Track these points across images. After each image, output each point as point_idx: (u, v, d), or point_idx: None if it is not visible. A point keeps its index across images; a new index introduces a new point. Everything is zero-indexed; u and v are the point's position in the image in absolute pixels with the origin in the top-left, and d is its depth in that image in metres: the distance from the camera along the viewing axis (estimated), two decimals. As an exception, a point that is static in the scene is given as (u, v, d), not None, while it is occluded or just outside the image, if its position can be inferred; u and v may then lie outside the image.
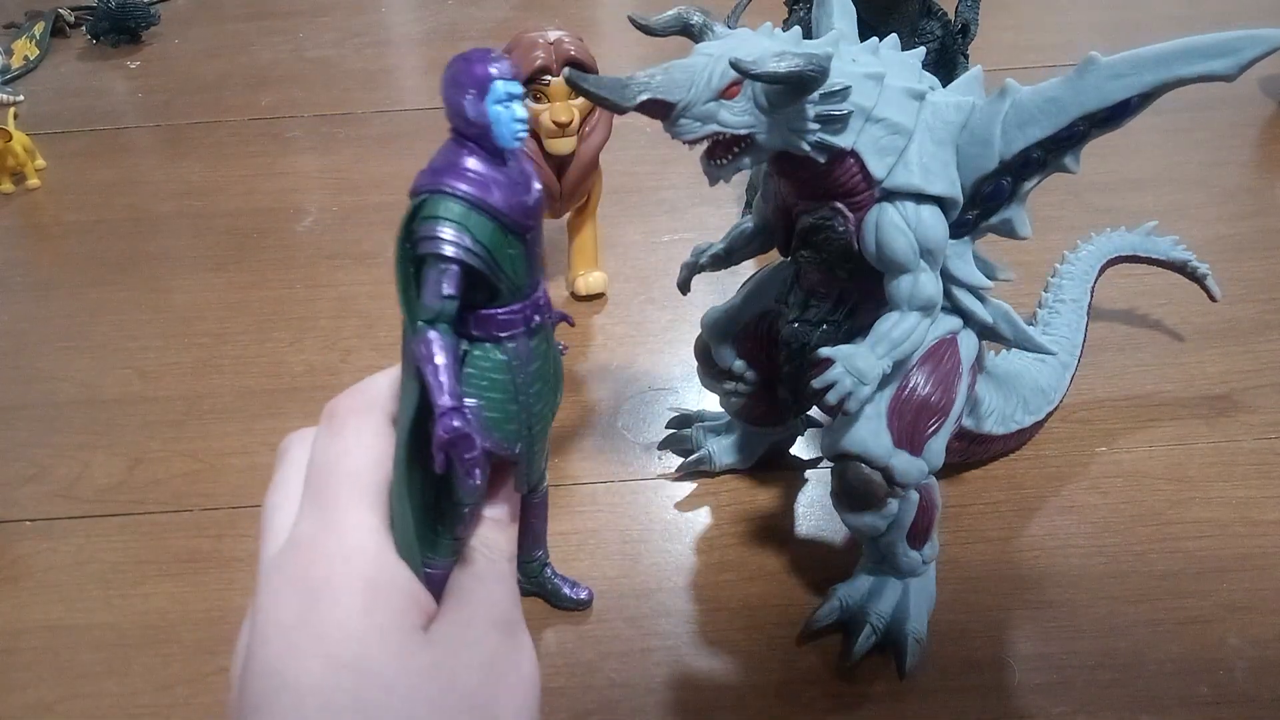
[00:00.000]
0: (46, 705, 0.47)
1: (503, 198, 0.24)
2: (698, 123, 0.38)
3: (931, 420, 0.44)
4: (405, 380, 0.26)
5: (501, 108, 0.24)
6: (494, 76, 0.24)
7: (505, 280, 0.26)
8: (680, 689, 0.47)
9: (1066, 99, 0.40)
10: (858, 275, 0.44)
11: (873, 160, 0.40)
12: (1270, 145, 0.86)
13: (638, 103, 0.37)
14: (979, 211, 0.43)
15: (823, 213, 0.43)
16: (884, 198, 0.41)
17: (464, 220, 0.24)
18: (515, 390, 0.28)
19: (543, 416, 0.30)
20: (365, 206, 0.84)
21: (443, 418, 0.24)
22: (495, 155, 0.24)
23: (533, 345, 0.28)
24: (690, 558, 0.53)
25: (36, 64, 1.15)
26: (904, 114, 0.40)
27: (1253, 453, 0.57)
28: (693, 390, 0.63)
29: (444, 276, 0.24)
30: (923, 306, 0.42)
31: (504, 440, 0.28)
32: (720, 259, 0.51)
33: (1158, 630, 0.48)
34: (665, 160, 0.88)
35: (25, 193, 0.90)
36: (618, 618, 0.49)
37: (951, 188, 0.41)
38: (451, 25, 1.22)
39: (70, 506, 0.57)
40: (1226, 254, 0.72)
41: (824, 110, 0.39)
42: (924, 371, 0.44)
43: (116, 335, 0.71)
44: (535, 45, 0.61)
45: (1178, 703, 0.45)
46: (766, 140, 0.39)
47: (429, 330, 0.24)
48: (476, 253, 0.24)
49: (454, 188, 0.24)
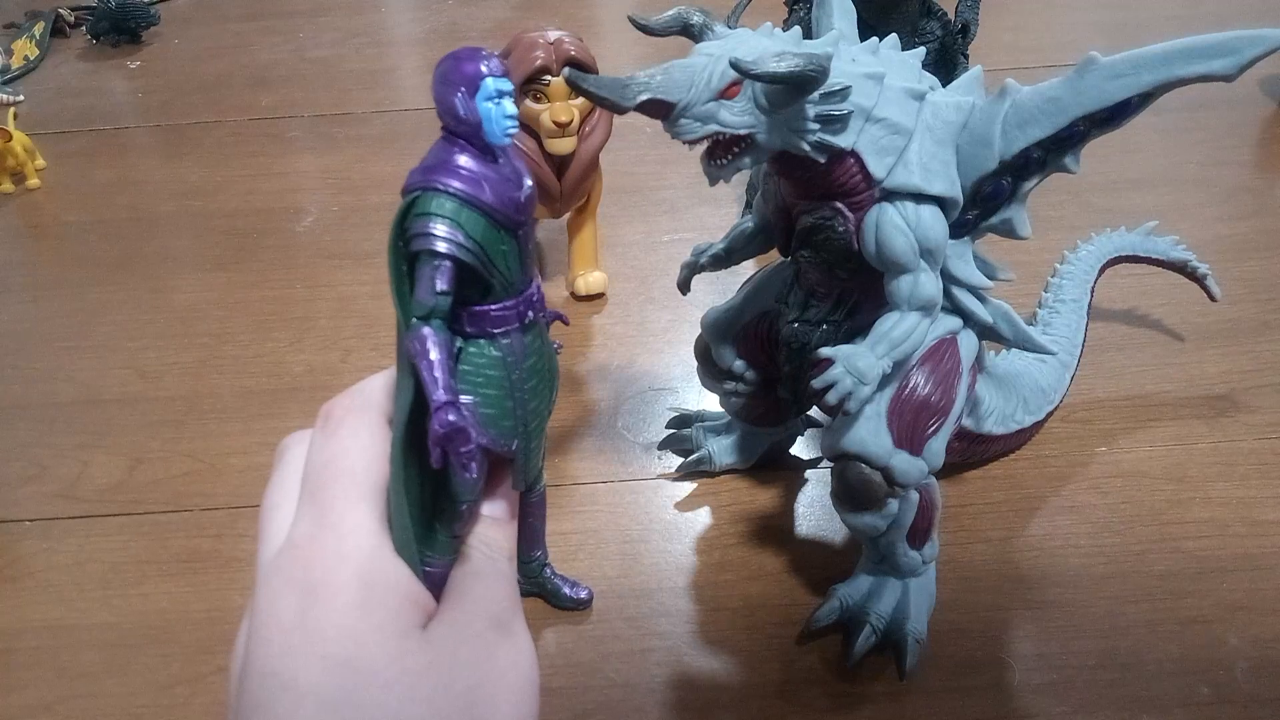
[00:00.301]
0: (46, 705, 0.47)
1: (494, 194, 0.24)
2: (698, 123, 0.38)
3: (932, 420, 0.44)
4: (400, 378, 0.26)
5: (492, 104, 0.24)
6: (484, 74, 0.24)
7: (498, 276, 0.26)
8: (680, 689, 0.47)
9: (1067, 99, 0.40)
10: (858, 275, 0.44)
11: (873, 160, 0.40)
12: (1270, 145, 0.86)
13: (638, 103, 0.37)
14: (979, 211, 0.43)
15: (823, 213, 0.43)
16: (884, 198, 0.41)
17: (456, 216, 0.24)
18: (511, 387, 0.28)
19: (538, 413, 0.30)
20: (365, 206, 0.84)
21: (438, 412, 0.24)
22: (486, 152, 0.25)
23: (527, 341, 0.28)
24: (690, 558, 0.53)
25: (36, 64, 1.15)
26: (904, 114, 0.40)
27: (1253, 453, 0.57)
28: (693, 390, 0.63)
29: (437, 272, 0.24)
30: (923, 306, 0.42)
31: (500, 436, 0.28)
32: (720, 259, 0.51)
33: (1158, 630, 0.48)
34: (665, 160, 0.88)
35: (25, 193, 0.90)
36: (618, 618, 0.49)
37: (951, 188, 0.41)
38: (451, 25, 1.22)
39: (70, 506, 0.57)
40: (1226, 254, 0.72)
41: (824, 110, 0.38)
42: (924, 371, 0.44)
43: (116, 335, 0.71)
44: (535, 45, 0.61)
45: (1178, 703, 0.45)
46: (766, 140, 0.39)
47: (423, 326, 0.24)
48: (469, 248, 0.24)
49: (446, 184, 0.24)
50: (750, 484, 0.57)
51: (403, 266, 0.24)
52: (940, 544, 0.48)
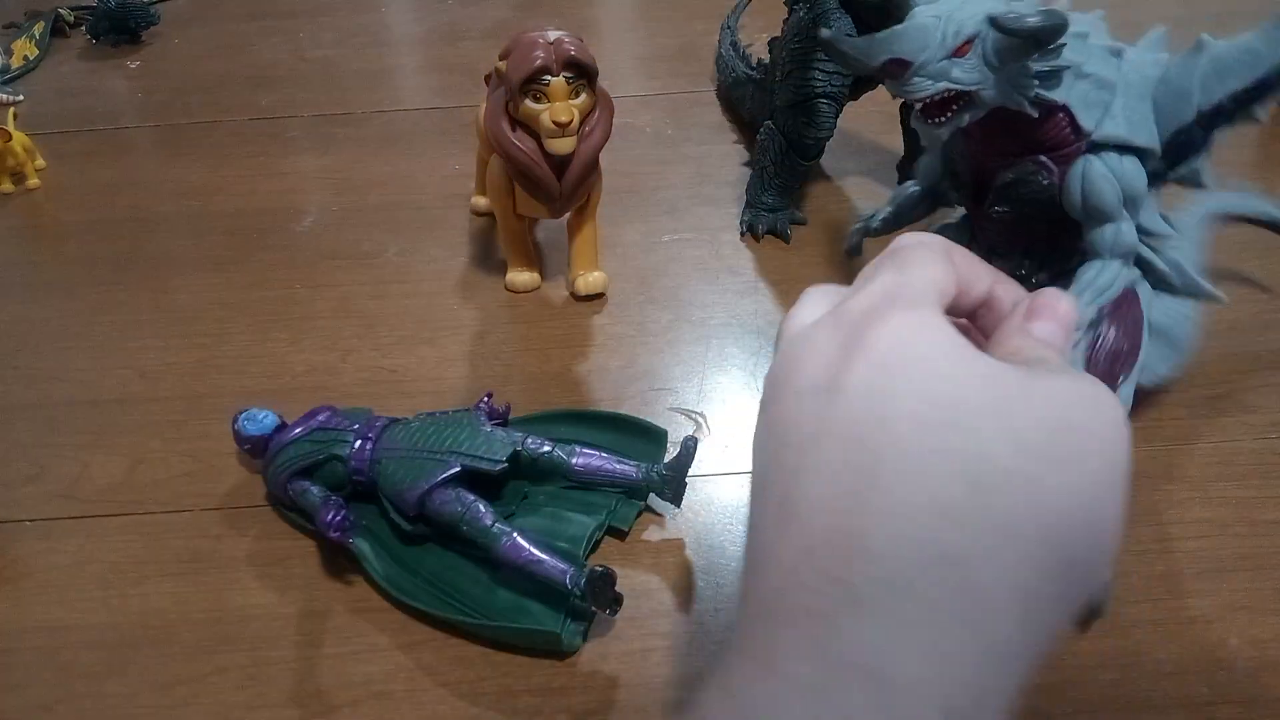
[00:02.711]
0: (46, 705, 0.47)
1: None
2: (930, 80, 0.41)
3: (1123, 367, 0.46)
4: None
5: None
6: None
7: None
8: (680, 689, 0.46)
9: (1264, 50, 0.41)
10: (1052, 228, 0.46)
11: (1082, 114, 0.42)
12: (1270, 145, 0.86)
13: (881, 61, 0.41)
14: (1169, 162, 0.45)
15: (1025, 167, 0.45)
16: (1089, 149, 0.43)
17: None
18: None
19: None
20: (365, 206, 0.84)
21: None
22: None
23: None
24: (691, 557, 0.53)
25: (36, 64, 1.15)
26: (1108, 69, 0.43)
27: (1253, 453, 0.57)
28: (693, 390, 0.63)
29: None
30: (1125, 254, 0.44)
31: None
32: (890, 222, 0.54)
33: (1158, 630, 0.48)
34: (665, 160, 0.88)
35: (25, 193, 0.90)
36: (618, 618, 0.49)
37: (1152, 139, 0.43)
38: (451, 25, 1.22)
39: (70, 506, 0.57)
40: (1226, 254, 0.72)
41: (1043, 66, 0.41)
42: (1112, 321, 0.46)
43: (116, 335, 0.71)
44: (535, 45, 0.61)
45: (1178, 703, 0.45)
46: (991, 96, 0.42)
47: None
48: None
49: None
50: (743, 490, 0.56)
51: None
52: None
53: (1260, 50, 0.41)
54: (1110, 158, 0.43)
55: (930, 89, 0.42)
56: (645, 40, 1.13)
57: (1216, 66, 0.42)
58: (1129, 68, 0.43)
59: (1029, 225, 0.46)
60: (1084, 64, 0.42)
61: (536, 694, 0.46)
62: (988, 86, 0.42)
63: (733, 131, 0.92)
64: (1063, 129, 0.43)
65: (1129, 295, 0.47)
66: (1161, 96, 0.43)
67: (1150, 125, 0.43)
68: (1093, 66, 0.42)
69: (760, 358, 0.66)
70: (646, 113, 0.95)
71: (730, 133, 0.92)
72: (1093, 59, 0.42)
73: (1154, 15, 0.50)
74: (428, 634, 0.49)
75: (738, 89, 0.91)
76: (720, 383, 0.64)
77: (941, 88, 0.41)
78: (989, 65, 0.41)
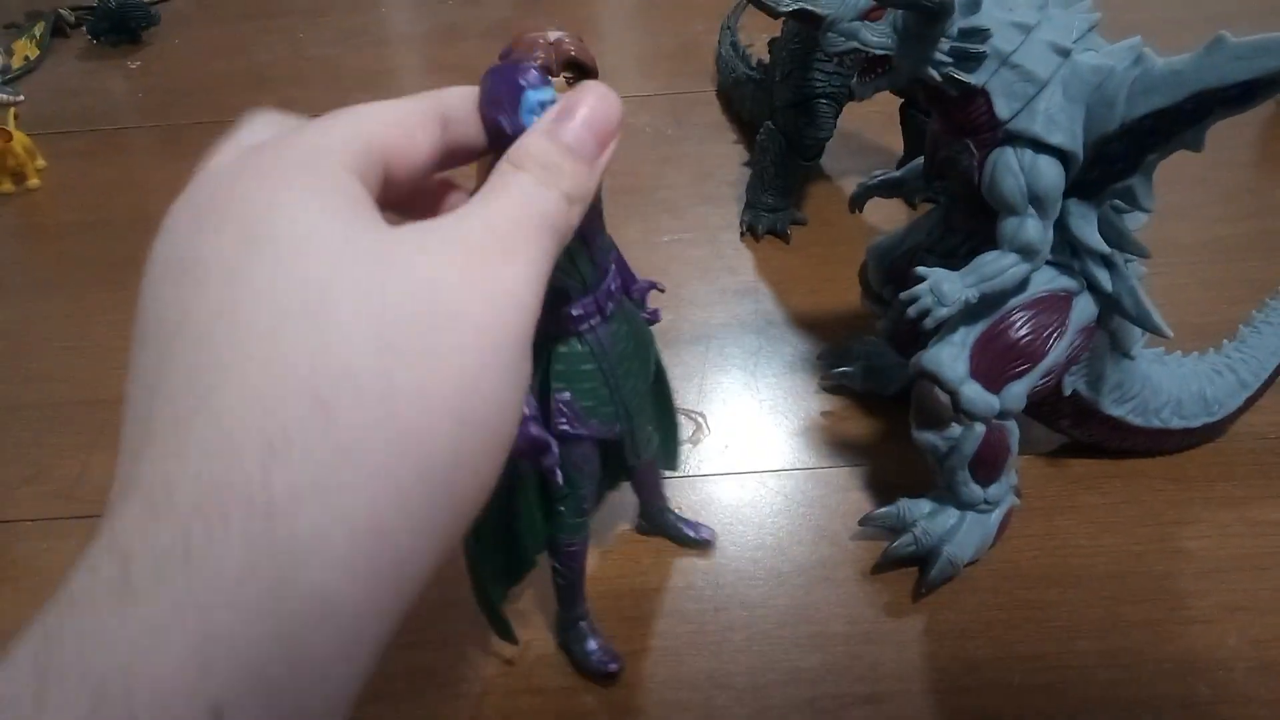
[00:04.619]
0: (46, 705, 0.47)
1: None
2: (841, 38, 0.44)
3: (1017, 363, 0.46)
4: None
5: (536, 117, 0.25)
6: (523, 88, 0.25)
7: (575, 278, 0.27)
8: (681, 689, 0.47)
9: (1188, 74, 0.41)
10: (981, 214, 0.46)
11: (1000, 102, 0.43)
12: (1270, 145, 0.86)
13: (792, 9, 0.43)
14: (1099, 174, 0.44)
15: (954, 146, 0.46)
16: (1006, 140, 0.44)
17: None
18: (604, 376, 0.30)
19: (636, 391, 0.31)
20: (365, 206, 0.84)
21: (520, 428, 0.25)
22: None
23: (612, 330, 0.29)
24: (690, 557, 0.53)
25: (36, 64, 1.15)
26: (1041, 65, 0.43)
27: (1252, 453, 0.57)
28: (693, 390, 0.63)
29: None
30: (1021, 249, 0.45)
31: (603, 424, 0.30)
32: (891, 185, 0.56)
33: (1158, 630, 0.48)
34: (665, 160, 0.88)
35: (25, 193, 0.90)
36: (617, 618, 0.49)
37: (1071, 142, 0.43)
38: (451, 25, 1.22)
39: (70, 506, 0.57)
40: (1227, 254, 0.72)
41: (960, 46, 0.42)
42: (1024, 316, 0.46)
43: (116, 335, 0.71)
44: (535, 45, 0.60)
45: (1178, 703, 0.45)
46: (901, 64, 0.44)
47: None
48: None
49: None
50: (750, 485, 0.57)
51: None
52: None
53: (1185, 73, 0.40)
54: (1024, 153, 0.44)
55: (840, 46, 0.44)
56: (645, 40, 1.13)
57: (1145, 81, 0.41)
58: (1069, 69, 0.43)
59: (967, 206, 0.48)
60: (1013, 54, 0.43)
61: (536, 694, 0.46)
62: (896, 53, 0.44)
63: (733, 131, 0.92)
64: (981, 113, 0.44)
65: (1055, 300, 0.47)
66: (1094, 103, 0.43)
67: (1075, 128, 0.43)
68: (1023, 58, 0.43)
69: (760, 358, 0.66)
70: (646, 113, 0.95)
71: (730, 133, 0.92)
72: (1028, 52, 0.43)
73: (1154, 15, 0.50)
74: (428, 634, 0.49)
75: (738, 89, 0.91)
76: (720, 383, 0.64)
77: (850, 47, 0.44)
78: (898, 33, 0.44)
